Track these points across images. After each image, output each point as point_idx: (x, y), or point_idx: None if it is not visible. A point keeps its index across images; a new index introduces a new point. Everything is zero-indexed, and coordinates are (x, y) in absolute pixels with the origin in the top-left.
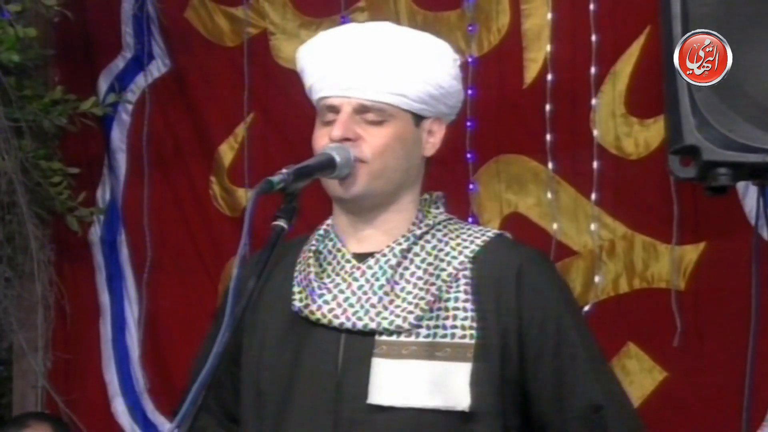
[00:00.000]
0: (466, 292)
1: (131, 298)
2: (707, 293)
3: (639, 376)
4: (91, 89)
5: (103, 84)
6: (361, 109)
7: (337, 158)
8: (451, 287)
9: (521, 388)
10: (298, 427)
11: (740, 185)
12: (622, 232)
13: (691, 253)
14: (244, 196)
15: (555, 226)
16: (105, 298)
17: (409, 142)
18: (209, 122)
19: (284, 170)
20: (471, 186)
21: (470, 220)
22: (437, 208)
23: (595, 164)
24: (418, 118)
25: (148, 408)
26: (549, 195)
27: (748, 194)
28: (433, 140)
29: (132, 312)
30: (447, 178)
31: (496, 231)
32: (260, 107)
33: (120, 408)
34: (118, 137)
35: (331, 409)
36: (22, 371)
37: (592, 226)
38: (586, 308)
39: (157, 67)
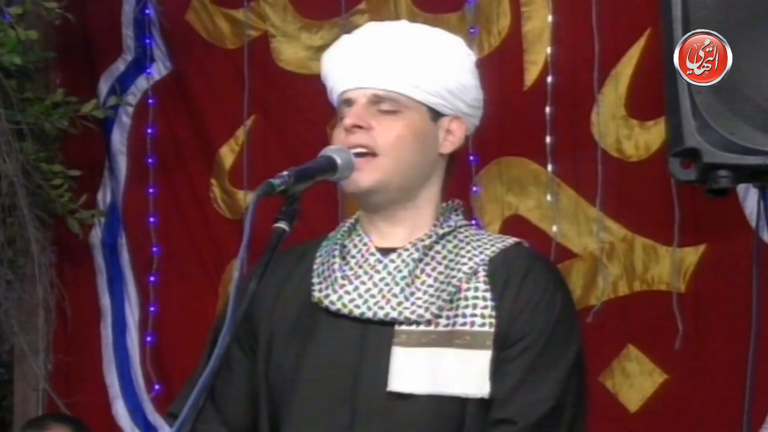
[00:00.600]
0: (485, 283)
1: (132, 300)
2: (707, 295)
3: (639, 378)
4: (92, 92)
5: (103, 86)
6: (375, 99)
7: (338, 160)
8: (470, 280)
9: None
10: (316, 415)
11: (740, 187)
12: (622, 235)
13: (692, 255)
14: (245, 198)
15: (555, 228)
16: (106, 300)
17: (424, 137)
18: (210, 124)
19: (285, 172)
20: (474, 189)
21: (473, 222)
22: (457, 215)
23: (598, 167)
24: (435, 114)
25: (148, 410)
26: (549, 197)
27: (749, 196)
28: (451, 138)
29: (132, 314)
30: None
31: (516, 239)
32: (261, 109)
33: (121, 410)
34: (119, 140)
35: (350, 397)
36: (23, 374)
37: (594, 229)
38: (594, 311)
39: (158, 70)
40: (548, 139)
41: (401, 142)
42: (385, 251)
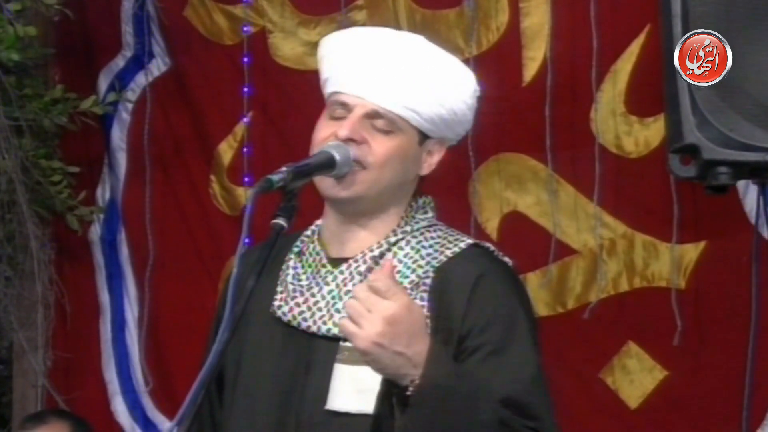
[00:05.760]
0: (422, 299)
1: (131, 297)
2: (707, 292)
3: (639, 375)
4: (92, 88)
5: (103, 83)
6: (373, 115)
7: (337, 157)
8: (410, 294)
9: None
10: (266, 425)
11: (740, 184)
12: (622, 231)
13: (692, 251)
14: (244, 194)
15: (554, 224)
16: (105, 297)
17: (409, 159)
18: (209, 121)
19: (284, 168)
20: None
21: (472, 219)
22: (425, 213)
23: (596, 163)
24: (423, 137)
25: (147, 407)
26: (548, 194)
27: (749, 193)
28: (431, 160)
29: (132, 311)
30: (448, 176)
31: (471, 241)
32: (259, 105)
33: (120, 407)
34: (118, 136)
35: (295, 409)
36: (23, 370)
37: (593, 225)
38: (590, 307)
39: (157, 66)
40: (547, 136)
41: (389, 162)
42: (338, 261)
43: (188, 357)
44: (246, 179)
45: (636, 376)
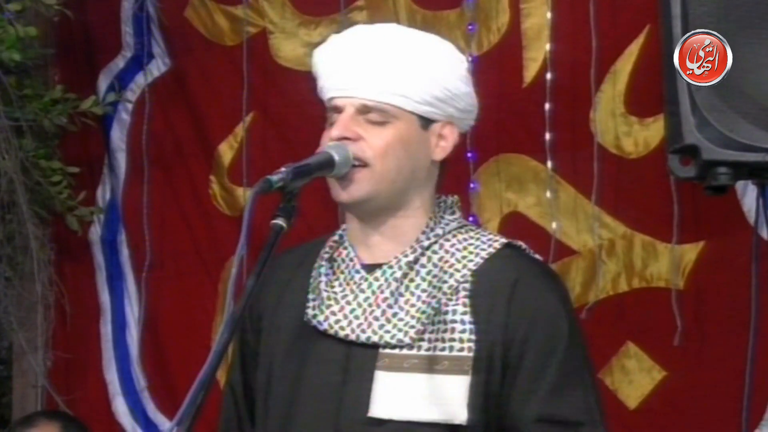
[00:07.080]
0: (464, 305)
1: (132, 297)
2: (706, 292)
3: (638, 375)
4: (91, 88)
5: (103, 83)
6: (364, 110)
7: (336, 157)
8: (450, 300)
9: (499, 401)
10: None
11: (739, 184)
12: (622, 232)
13: (691, 252)
14: (244, 195)
15: (554, 225)
16: (105, 297)
17: (413, 145)
18: (209, 121)
19: (283, 169)
20: (472, 185)
21: (470, 219)
22: (452, 213)
23: (595, 163)
24: (425, 121)
25: (149, 407)
26: (548, 194)
27: (747, 193)
28: (443, 144)
29: (132, 311)
30: (448, 176)
31: (504, 241)
32: (259, 106)
33: (121, 408)
34: (118, 136)
35: (333, 418)
36: (22, 371)
37: (593, 226)
38: (587, 307)
39: (157, 67)
40: (547, 136)
41: (390, 152)
42: (371, 267)
43: (189, 357)
44: (245, 180)
45: (635, 377)
